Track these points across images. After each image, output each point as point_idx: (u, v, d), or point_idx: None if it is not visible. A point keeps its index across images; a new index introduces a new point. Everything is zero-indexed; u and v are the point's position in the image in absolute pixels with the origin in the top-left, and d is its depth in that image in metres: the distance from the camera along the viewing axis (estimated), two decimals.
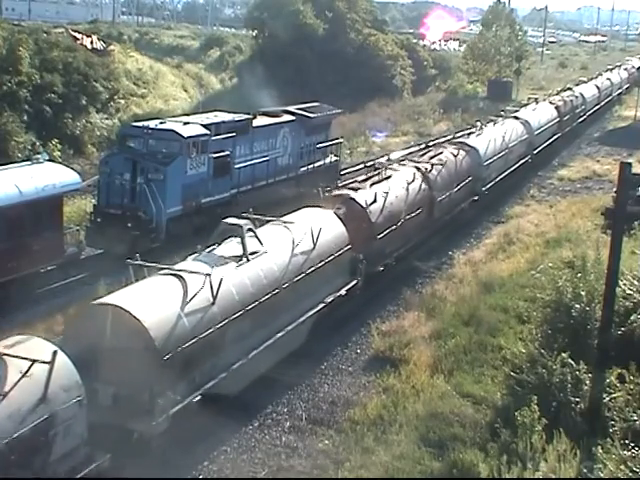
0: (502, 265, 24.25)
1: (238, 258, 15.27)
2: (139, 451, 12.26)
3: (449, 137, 39.80)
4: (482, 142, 31.28)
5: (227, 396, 14.24)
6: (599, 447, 12.18)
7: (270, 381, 16.16)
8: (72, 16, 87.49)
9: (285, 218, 17.95)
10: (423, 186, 24.38)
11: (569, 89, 53.87)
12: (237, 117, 27.15)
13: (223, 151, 25.42)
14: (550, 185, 38.28)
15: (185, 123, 24.97)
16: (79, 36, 48.28)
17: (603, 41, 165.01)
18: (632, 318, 15.09)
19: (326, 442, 14.62)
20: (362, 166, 32.20)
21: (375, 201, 21.08)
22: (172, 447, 13.15)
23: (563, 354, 14.18)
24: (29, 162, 21.34)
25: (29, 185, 19.62)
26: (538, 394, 13.43)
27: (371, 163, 37.84)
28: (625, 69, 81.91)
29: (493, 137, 32.58)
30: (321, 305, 17.62)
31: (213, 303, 13.85)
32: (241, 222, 15.85)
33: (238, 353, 14.55)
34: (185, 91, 55.06)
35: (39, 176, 20.17)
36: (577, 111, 51.70)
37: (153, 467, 12.31)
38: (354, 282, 19.33)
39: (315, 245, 17.33)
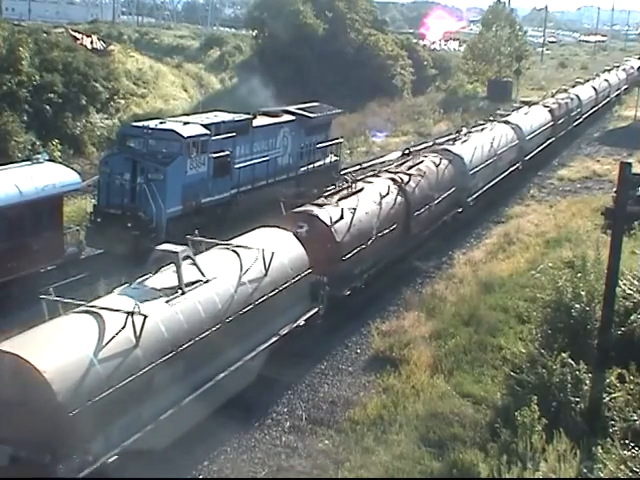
0: (502, 265, 24.26)
1: (172, 290, 13.49)
2: None
3: (431, 143, 38.62)
4: (468, 149, 29.58)
5: (153, 452, 12.58)
6: (599, 447, 12.19)
7: (270, 381, 16.18)
8: (72, 16, 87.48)
9: (235, 241, 16.30)
10: (399, 199, 22.71)
11: (564, 91, 52.61)
12: (237, 117, 27.13)
13: (223, 151, 25.41)
14: (550, 185, 38.29)
15: (185, 123, 24.97)
16: (79, 36, 48.32)
17: (603, 41, 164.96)
18: (632, 318, 15.09)
19: (326, 442, 14.63)
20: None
21: (342, 218, 19.45)
22: (172, 447, 13.17)
23: (563, 354, 14.19)
24: (29, 162, 21.35)
25: (29, 185, 19.62)
26: (538, 394, 13.44)
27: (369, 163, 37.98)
28: (623, 70, 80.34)
29: (480, 143, 30.98)
30: (274, 338, 15.80)
31: (136, 345, 12.13)
32: (178, 248, 14.11)
33: (168, 401, 12.80)
34: (185, 91, 55.08)
35: (39, 176, 20.17)
36: (572, 114, 50.03)
37: (153, 467, 12.32)
38: (314, 310, 17.53)
39: (267, 271, 15.61)
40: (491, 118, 37.35)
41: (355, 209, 20.10)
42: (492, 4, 76.81)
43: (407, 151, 28.00)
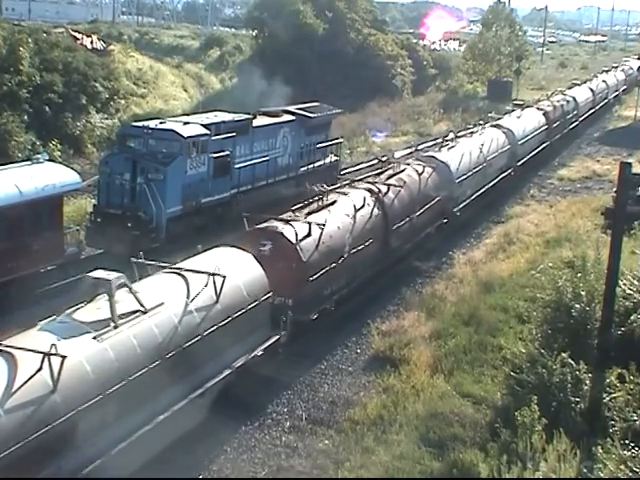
0: (502, 265, 24.26)
1: (102, 324, 12.01)
2: None
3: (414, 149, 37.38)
4: (454, 156, 27.99)
5: None
6: (599, 447, 12.18)
7: (270, 381, 16.18)
8: (72, 16, 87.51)
9: (185, 263, 14.79)
10: (376, 212, 21.19)
11: (561, 93, 51.40)
12: (237, 117, 27.14)
13: (223, 151, 25.42)
14: (550, 185, 38.29)
15: (185, 123, 24.97)
16: (79, 36, 48.35)
17: (603, 41, 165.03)
18: (632, 318, 15.09)
19: (326, 442, 14.63)
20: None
21: (309, 235, 17.86)
22: (172, 447, 13.17)
23: (563, 354, 14.19)
24: (29, 162, 21.33)
25: (29, 185, 19.60)
26: (538, 394, 13.44)
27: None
28: (622, 70, 79.21)
29: (468, 149, 29.39)
30: (227, 371, 14.33)
31: (53, 390, 10.67)
32: (111, 275, 12.42)
33: (97, 449, 11.33)
34: (185, 91, 55.08)
35: (39, 176, 20.15)
36: (568, 117, 48.64)
37: (153, 467, 12.32)
38: (275, 338, 15.99)
39: (218, 297, 14.12)
40: (481, 122, 35.85)
41: (325, 224, 18.39)
42: (492, 4, 77.00)
43: (385, 158, 25.75)
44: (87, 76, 41.38)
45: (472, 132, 32.84)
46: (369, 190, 21.82)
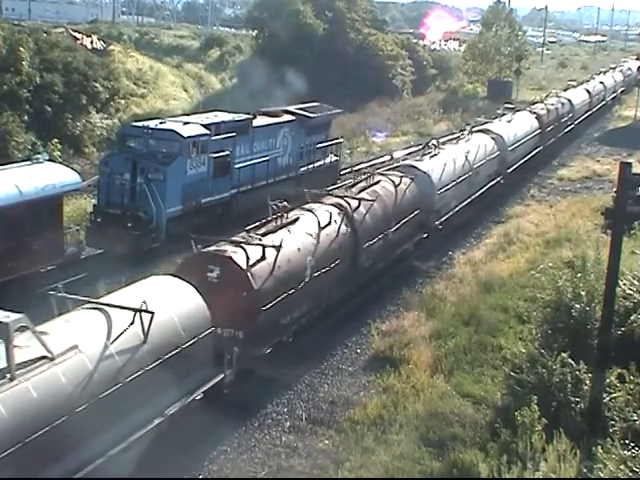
0: (502, 265, 24.26)
1: None
2: None
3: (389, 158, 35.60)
4: (436, 165, 26.15)
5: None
6: (599, 447, 12.18)
7: (270, 381, 16.18)
8: (72, 16, 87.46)
9: (109, 298, 13.09)
10: (343, 229, 19.47)
11: (555, 95, 49.69)
12: (237, 117, 27.17)
13: (223, 151, 25.43)
14: (550, 185, 38.30)
15: (185, 123, 24.99)
16: (79, 36, 48.36)
17: (603, 41, 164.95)
18: (632, 318, 15.10)
19: (326, 442, 14.62)
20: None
21: (263, 258, 16.03)
22: (172, 447, 13.17)
23: (563, 354, 14.19)
24: (29, 162, 21.33)
25: (29, 185, 19.61)
26: (538, 394, 13.44)
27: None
28: (620, 71, 77.39)
29: (452, 157, 27.58)
30: (158, 420, 12.44)
31: None
32: (9, 318, 10.42)
33: None
34: (185, 91, 55.10)
35: (39, 176, 20.16)
36: (563, 120, 46.79)
37: (153, 467, 12.32)
38: (219, 377, 14.13)
39: (146, 337, 12.25)
40: (467, 127, 33.85)
41: (281, 246, 16.52)
42: (492, 4, 76.89)
43: (357, 169, 23.61)
44: (87, 76, 41.37)
45: (458, 138, 31.12)
46: (337, 205, 20.05)
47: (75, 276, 21.13)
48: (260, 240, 16.52)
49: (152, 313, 12.24)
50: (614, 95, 68.94)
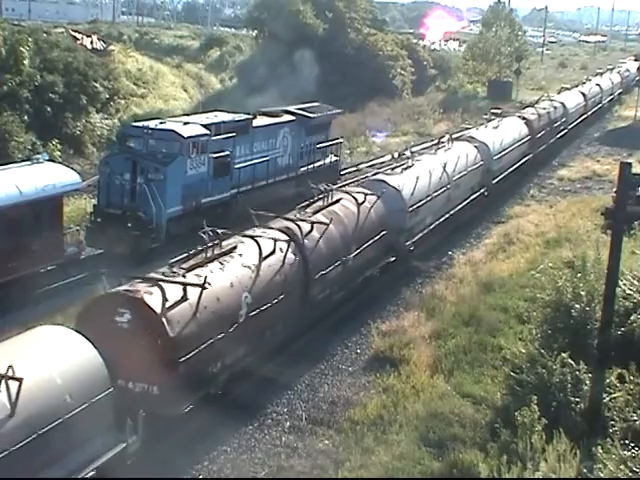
0: (502, 265, 24.26)
1: None
2: None
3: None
4: (409, 178, 23.83)
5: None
6: (599, 447, 12.18)
7: (270, 381, 16.18)
8: (72, 16, 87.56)
9: None
10: (291, 258, 16.99)
11: (548, 99, 47.19)
12: (237, 117, 27.15)
13: (223, 151, 25.42)
14: (550, 185, 38.30)
15: (185, 123, 24.98)
16: (79, 36, 48.37)
17: (603, 41, 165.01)
18: (632, 318, 15.09)
19: (326, 442, 14.63)
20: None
21: (184, 299, 13.58)
22: (172, 447, 13.17)
23: (563, 354, 14.19)
24: (29, 162, 21.35)
25: (29, 185, 19.62)
26: (538, 394, 13.43)
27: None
28: (618, 72, 74.63)
29: (428, 169, 25.29)
30: None
31: None
32: None
33: None
34: (185, 91, 55.13)
35: (39, 176, 20.17)
36: (556, 125, 44.24)
37: (153, 467, 12.32)
38: (121, 447, 11.67)
39: (14, 409, 9.99)
40: (447, 136, 31.21)
41: (208, 283, 14.07)
42: (492, 4, 76.93)
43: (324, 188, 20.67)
44: (87, 76, 41.40)
45: (437, 147, 28.61)
46: (285, 230, 17.71)
47: (75, 276, 21.21)
48: (184, 276, 14.08)
49: (20, 380, 9.96)
50: (611, 97, 66.80)
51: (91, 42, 48.18)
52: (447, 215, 26.56)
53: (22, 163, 21.76)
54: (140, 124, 25.15)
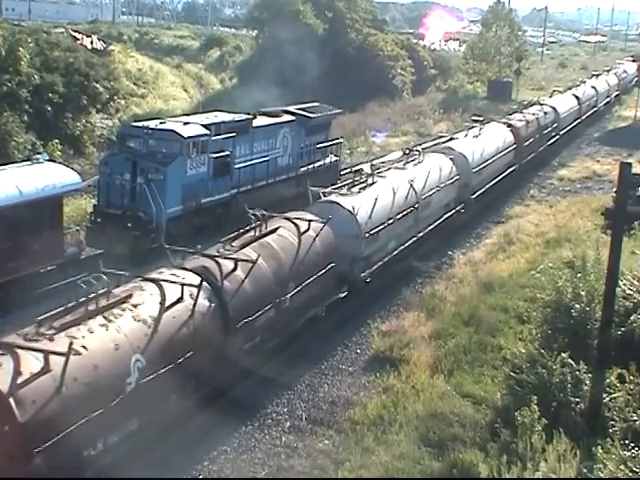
0: (502, 265, 24.27)
1: None
2: None
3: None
4: (366, 199, 20.81)
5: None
6: (599, 447, 12.18)
7: (270, 381, 16.18)
8: (72, 16, 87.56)
9: None
10: (203, 306, 13.97)
11: (539, 103, 44.25)
12: (237, 117, 27.15)
13: (223, 151, 25.42)
14: (550, 185, 38.30)
15: (185, 123, 24.97)
16: (79, 36, 48.37)
17: (603, 41, 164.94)
18: (632, 318, 15.10)
19: (326, 442, 14.63)
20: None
21: (44, 371, 10.70)
22: (172, 447, 13.17)
23: (563, 354, 14.20)
24: (29, 162, 21.35)
25: (29, 185, 19.61)
26: (538, 394, 13.45)
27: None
28: (615, 74, 71.49)
29: (392, 186, 22.28)
30: None
31: None
32: None
33: None
34: (185, 91, 55.14)
35: (39, 176, 20.17)
36: (546, 132, 41.16)
37: (153, 467, 12.32)
38: None
39: None
40: (418, 147, 28.71)
41: (80, 348, 11.34)
42: (492, 4, 76.94)
43: (262, 215, 17.49)
44: (87, 76, 41.43)
45: (406, 161, 25.79)
46: (199, 271, 14.50)
47: (75, 276, 21.17)
48: (51, 339, 11.17)
49: None
50: (608, 100, 63.73)
51: (91, 42, 48.18)
52: (412, 240, 23.57)
53: (22, 163, 21.75)
54: (140, 124, 25.15)
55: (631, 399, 13.50)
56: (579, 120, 51.33)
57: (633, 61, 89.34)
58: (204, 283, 14.17)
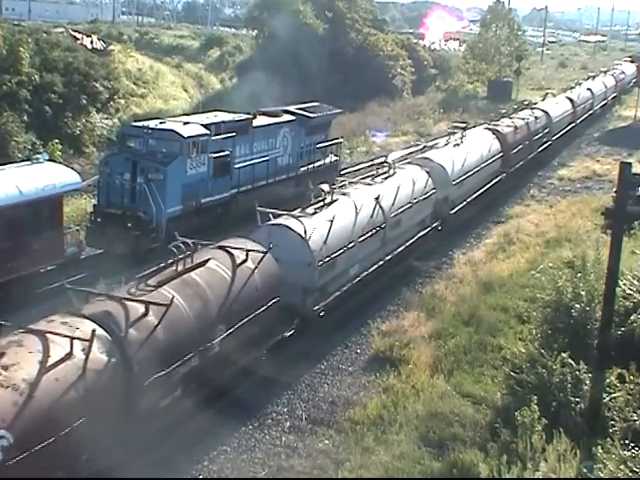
0: (502, 265, 24.27)
1: None
2: None
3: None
4: (320, 222, 18.38)
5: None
6: (599, 447, 12.18)
7: (270, 381, 16.17)
8: (72, 16, 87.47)
9: None
10: (98, 362, 11.50)
11: (530, 107, 42.06)
12: (237, 117, 27.16)
13: (223, 151, 25.43)
14: (550, 185, 38.28)
15: (185, 123, 24.98)
16: (79, 36, 48.32)
17: (603, 41, 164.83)
18: (632, 318, 15.11)
19: (326, 442, 14.63)
20: None
21: None
22: (172, 447, 13.17)
23: (563, 354, 14.21)
24: (29, 162, 21.35)
25: (29, 185, 19.61)
26: (538, 394, 13.45)
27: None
28: (612, 75, 69.00)
29: (354, 205, 20.06)
30: None
31: None
32: None
33: None
34: (185, 91, 55.10)
35: (39, 176, 20.17)
36: (537, 137, 38.83)
37: (153, 467, 12.31)
38: None
39: None
40: (390, 160, 25.85)
41: None
42: (492, 4, 76.90)
43: (192, 244, 15.20)
44: (87, 76, 41.40)
45: (374, 175, 23.52)
46: (96, 319, 12.08)
47: (75, 276, 21.18)
48: None
49: None
50: (604, 102, 61.35)
51: (91, 42, 48.13)
52: (382, 262, 21.41)
53: (22, 163, 21.75)
54: (140, 124, 25.16)
55: (631, 399, 13.50)
56: (573, 124, 48.96)
57: (631, 62, 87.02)
58: (103, 333, 11.77)
